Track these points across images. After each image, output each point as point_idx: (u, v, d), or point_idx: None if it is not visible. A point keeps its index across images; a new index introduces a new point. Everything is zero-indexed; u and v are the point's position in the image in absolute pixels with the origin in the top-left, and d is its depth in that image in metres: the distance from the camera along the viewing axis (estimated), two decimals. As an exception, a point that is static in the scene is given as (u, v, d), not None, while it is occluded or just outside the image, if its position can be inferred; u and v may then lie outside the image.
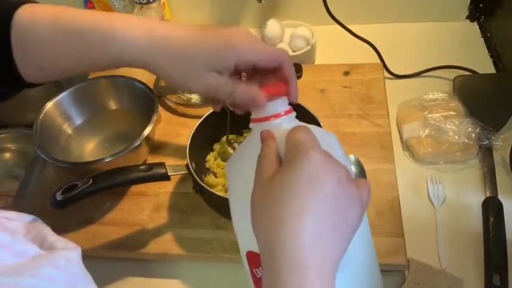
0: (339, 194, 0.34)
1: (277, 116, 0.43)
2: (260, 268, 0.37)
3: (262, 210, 0.35)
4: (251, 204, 0.36)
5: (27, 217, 0.44)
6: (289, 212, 0.33)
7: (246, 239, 0.41)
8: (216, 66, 0.43)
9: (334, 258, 0.33)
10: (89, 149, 0.81)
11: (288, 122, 0.43)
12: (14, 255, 0.37)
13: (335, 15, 0.87)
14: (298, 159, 0.34)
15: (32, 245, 0.39)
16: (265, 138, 0.40)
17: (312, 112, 0.69)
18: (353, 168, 0.72)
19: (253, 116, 0.44)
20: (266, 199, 0.35)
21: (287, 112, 0.43)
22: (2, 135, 1.06)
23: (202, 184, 0.63)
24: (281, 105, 0.43)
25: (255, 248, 0.38)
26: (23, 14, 0.45)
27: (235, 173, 0.44)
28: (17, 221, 0.42)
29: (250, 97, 0.43)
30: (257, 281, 0.43)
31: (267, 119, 0.43)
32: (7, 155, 1.08)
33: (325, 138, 0.39)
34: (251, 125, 0.45)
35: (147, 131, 0.71)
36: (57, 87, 1.00)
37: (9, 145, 1.07)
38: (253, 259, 0.42)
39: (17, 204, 0.80)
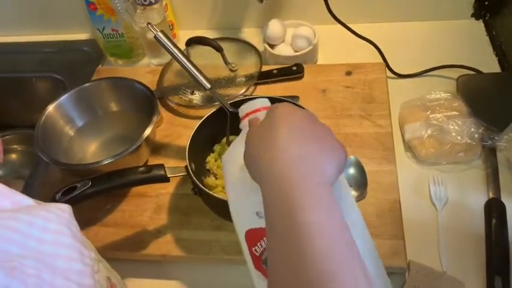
0: (305, 117, 0.42)
1: (260, 109, 0.50)
2: (258, 243, 0.45)
3: (255, 155, 0.41)
4: (245, 160, 0.42)
5: (28, 200, 0.46)
6: (271, 142, 0.39)
7: (243, 218, 0.47)
8: None
9: (320, 165, 0.38)
10: (91, 150, 0.82)
11: None
12: (12, 203, 0.42)
13: (337, 15, 0.86)
14: (272, 107, 0.43)
15: (26, 197, 0.44)
16: (252, 121, 0.48)
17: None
18: (353, 170, 0.71)
19: (241, 114, 0.51)
20: (257, 143, 0.41)
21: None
22: (8, 136, 1.08)
23: (201, 186, 0.64)
24: (264, 101, 0.51)
25: (250, 223, 0.46)
26: None
27: (228, 160, 0.50)
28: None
29: None
30: (256, 259, 0.45)
31: (253, 112, 0.50)
32: (13, 155, 1.09)
33: None
34: (241, 125, 0.51)
35: (147, 132, 0.72)
36: (60, 88, 1.02)
37: (15, 146, 1.09)
38: (252, 236, 0.46)
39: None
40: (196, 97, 0.88)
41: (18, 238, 0.38)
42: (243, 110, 0.51)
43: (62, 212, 0.44)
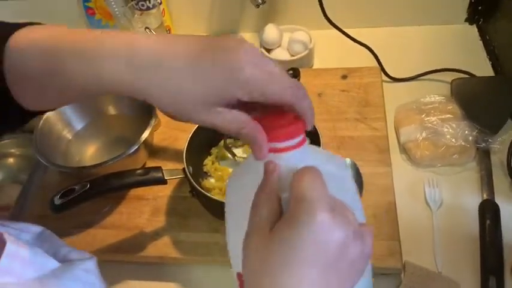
0: (343, 260, 0.32)
1: (287, 149, 0.37)
2: None
3: (260, 263, 0.33)
4: (244, 248, 0.35)
5: (36, 228, 0.45)
6: (289, 278, 0.31)
7: (235, 258, 0.40)
8: (216, 102, 0.36)
9: None
10: (89, 153, 0.82)
11: (299, 155, 0.38)
12: (36, 269, 0.38)
13: (332, 20, 0.87)
14: (302, 220, 0.32)
15: (50, 258, 0.40)
16: (269, 172, 0.36)
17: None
18: (350, 172, 0.72)
19: None
20: (265, 254, 0.33)
21: (299, 144, 0.38)
22: (6, 141, 1.07)
23: (199, 188, 0.64)
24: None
25: None
26: (16, 40, 0.41)
27: (233, 192, 0.41)
28: (27, 232, 0.44)
29: (255, 144, 0.37)
30: None
31: (275, 150, 0.37)
32: (11, 160, 1.09)
33: (336, 174, 0.36)
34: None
35: (145, 135, 0.72)
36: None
37: (13, 150, 1.09)
38: (242, 282, 0.40)
39: (19, 208, 0.81)
40: (194, 101, 0.88)
41: None
42: None
43: (87, 273, 0.42)
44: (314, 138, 0.66)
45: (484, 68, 0.89)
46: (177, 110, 0.37)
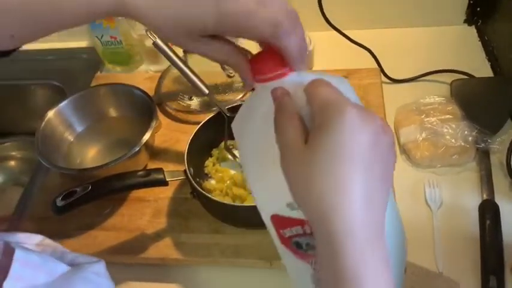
0: (378, 150, 0.33)
1: (282, 74, 0.38)
2: (288, 228, 0.39)
3: (305, 180, 0.32)
4: (286, 174, 0.34)
5: (36, 237, 0.45)
6: (335, 179, 0.31)
7: (265, 202, 0.40)
8: (201, 32, 0.37)
9: (382, 217, 0.33)
10: (91, 155, 0.82)
11: (298, 76, 0.38)
12: (46, 274, 0.39)
13: (332, 21, 0.87)
14: (333, 121, 0.32)
15: (59, 263, 0.41)
16: (280, 97, 0.36)
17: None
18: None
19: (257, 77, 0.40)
20: (306, 168, 0.32)
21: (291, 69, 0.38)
22: (7, 144, 1.08)
23: (200, 189, 0.64)
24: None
25: (279, 211, 0.38)
26: None
27: (244, 134, 0.40)
28: (28, 244, 0.44)
29: (241, 72, 0.40)
30: (285, 240, 0.41)
31: (272, 78, 0.38)
32: (12, 162, 1.10)
33: (340, 86, 0.36)
34: (255, 84, 0.40)
35: (146, 137, 0.72)
36: (59, 95, 1.02)
37: (14, 153, 1.09)
38: (279, 222, 0.40)
39: (20, 211, 0.81)
40: (194, 103, 0.89)
41: None
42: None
43: (98, 276, 0.42)
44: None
45: (483, 69, 0.89)
46: (167, 35, 0.38)
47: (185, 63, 0.74)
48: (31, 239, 0.44)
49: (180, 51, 0.94)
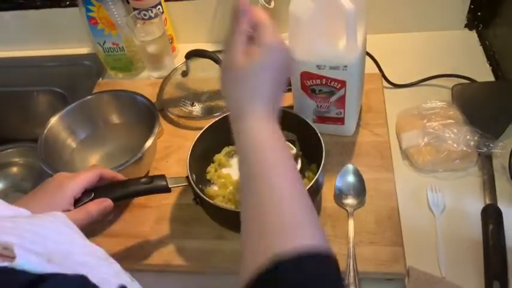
0: (281, 67, 0.49)
1: None
2: (311, 80, 0.71)
3: (234, 81, 0.48)
4: (225, 70, 0.49)
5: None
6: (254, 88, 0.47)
7: (302, 62, 0.70)
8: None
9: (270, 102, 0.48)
10: (93, 162, 0.82)
11: None
12: (13, 213, 0.38)
13: (333, 27, 0.88)
14: (259, 52, 0.47)
15: (24, 210, 0.40)
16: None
17: (310, 123, 0.70)
18: (352, 178, 0.72)
19: None
20: (236, 73, 0.48)
21: None
22: (9, 150, 1.08)
23: (202, 196, 0.64)
24: None
25: (309, 69, 0.70)
26: None
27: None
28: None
29: None
30: (305, 87, 0.73)
31: None
32: (14, 169, 1.10)
33: None
34: None
35: (148, 143, 0.73)
36: (61, 101, 1.03)
37: (16, 159, 1.10)
38: (306, 76, 0.71)
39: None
40: (196, 109, 0.89)
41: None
42: None
43: (62, 217, 0.43)
44: (316, 143, 0.66)
45: (484, 73, 0.89)
46: None
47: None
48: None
49: (181, 58, 0.94)
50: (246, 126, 0.46)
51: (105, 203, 0.58)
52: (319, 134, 0.67)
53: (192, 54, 0.92)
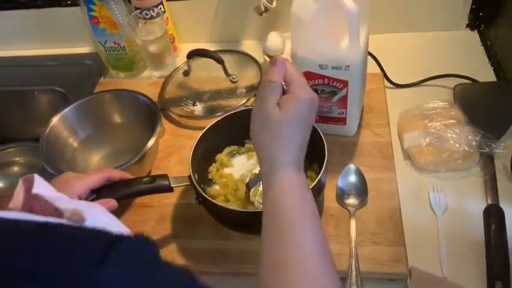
0: (311, 117, 0.51)
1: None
2: (313, 80, 0.71)
3: (269, 132, 0.49)
4: (259, 119, 0.50)
5: None
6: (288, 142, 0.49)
7: (304, 62, 0.70)
8: None
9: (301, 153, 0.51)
10: (95, 162, 0.82)
11: None
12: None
13: (335, 27, 0.88)
14: (296, 99, 0.49)
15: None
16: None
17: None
18: (354, 178, 0.72)
19: None
20: (272, 125, 0.49)
21: None
22: (11, 149, 1.08)
23: (205, 195, 0.64)
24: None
25: (312, 69, 0.70)
26: None
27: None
28: None
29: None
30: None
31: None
32: (16, 168, 1.10)
33: None
34: None
35: (150, 143, 0.73)
36: (63, 101, 1.03)
37: (17, 159, 1.10)
38: (309, 75, 0.70)
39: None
40: (198, 108, 0.89)
41: None
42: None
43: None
44: (318, 143, 0.66)
45: (486, 74, 0.90)
46: None
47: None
48: None
49: (183, 58, 0.94)
50: (278, 181, 0.48)
51: (110, 203, 0.59)
52: (321, 134, 0.67)
53: (193, 54, 0.92)
